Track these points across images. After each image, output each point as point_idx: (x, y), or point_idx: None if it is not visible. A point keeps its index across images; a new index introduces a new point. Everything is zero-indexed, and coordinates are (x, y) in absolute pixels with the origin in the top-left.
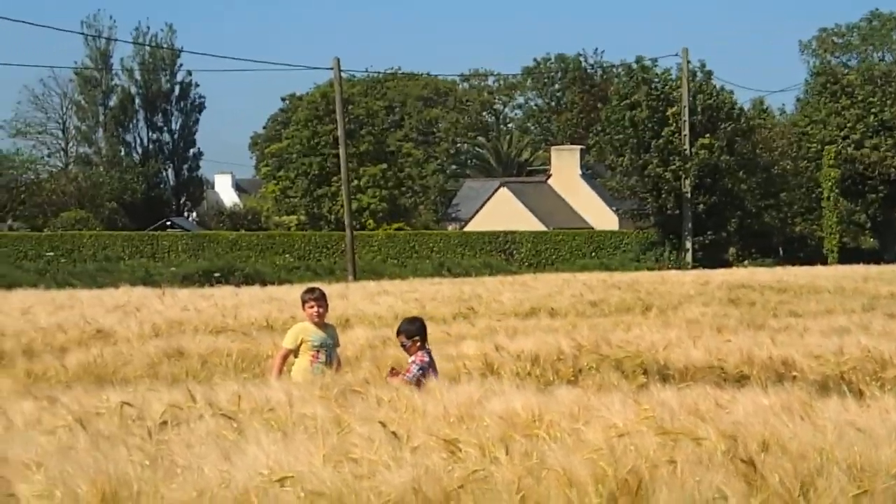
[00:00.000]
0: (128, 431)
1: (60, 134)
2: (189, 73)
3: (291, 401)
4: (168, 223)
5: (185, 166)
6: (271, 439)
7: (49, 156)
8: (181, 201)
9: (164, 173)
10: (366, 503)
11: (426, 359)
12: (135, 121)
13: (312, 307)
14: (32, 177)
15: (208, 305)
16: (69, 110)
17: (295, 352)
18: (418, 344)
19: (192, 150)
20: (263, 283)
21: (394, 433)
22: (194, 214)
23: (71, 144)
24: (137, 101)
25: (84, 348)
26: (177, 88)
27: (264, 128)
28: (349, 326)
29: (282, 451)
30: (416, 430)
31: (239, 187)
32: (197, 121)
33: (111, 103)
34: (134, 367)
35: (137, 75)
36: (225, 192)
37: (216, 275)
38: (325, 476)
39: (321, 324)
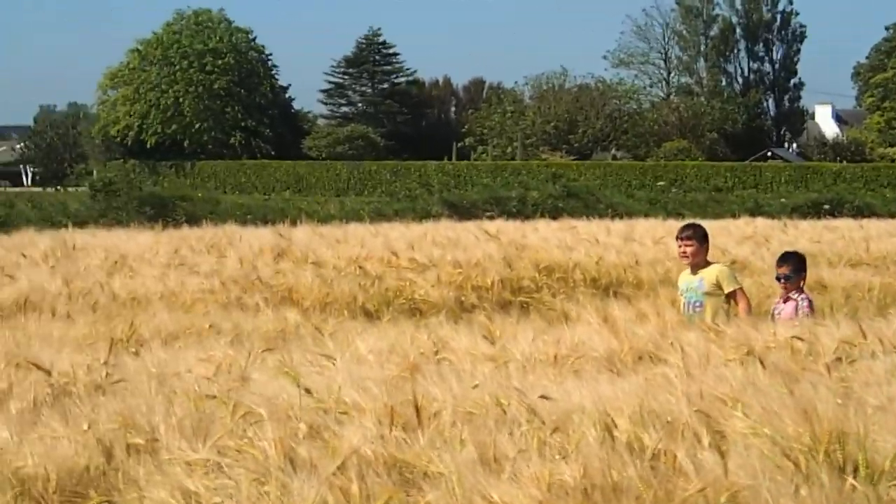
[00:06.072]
0: (802, 367)
1: (662, 64)
2: (790, 1)
3: None
4: (769, 154)
5: (786, 97)
6: None
7: (651, 86)
8: (781, 132)
9: (765, 104)
10: None
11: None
12: (735, 50)
13: (680, 247)
14: (634, 107)
15: (835, 238)
16: (671, 40)
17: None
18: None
19: (793, 81)
20: (877, 217)
21: None
22: (794, 145)
23: (672, 74)
24: (738, 30)
25: None
26: (778, 18)
27: (867, 58)
28: None
29: None
30: None
31: (839, 118)
32: (798, 50)
33: (712, 33)
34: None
35: (738, 5)
36: (825, 122)
37: (825, 207)
38: None
39: (692, 266)
